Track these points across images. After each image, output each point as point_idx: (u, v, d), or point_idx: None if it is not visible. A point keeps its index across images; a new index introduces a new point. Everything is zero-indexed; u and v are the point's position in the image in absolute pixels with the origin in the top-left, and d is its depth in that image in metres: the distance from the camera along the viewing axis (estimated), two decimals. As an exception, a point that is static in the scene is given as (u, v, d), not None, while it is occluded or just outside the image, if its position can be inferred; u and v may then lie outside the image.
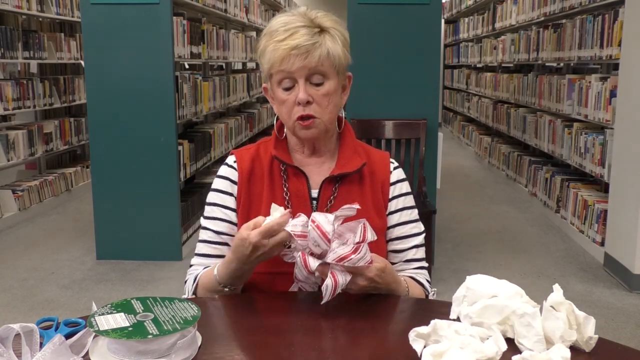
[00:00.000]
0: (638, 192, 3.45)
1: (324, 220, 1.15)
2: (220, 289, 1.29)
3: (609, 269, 3.77)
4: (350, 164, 1.38)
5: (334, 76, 1.32)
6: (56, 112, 6.08)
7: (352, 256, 1.14)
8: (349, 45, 1.35)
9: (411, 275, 1.41)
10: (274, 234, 1.17)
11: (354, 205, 1.18)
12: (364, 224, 1.18)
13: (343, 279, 1.15)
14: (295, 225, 1.16)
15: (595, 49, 4.20)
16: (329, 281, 1.15)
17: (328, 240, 1.14)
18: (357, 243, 1.15)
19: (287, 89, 1.31)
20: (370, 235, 1.17)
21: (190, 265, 1.43)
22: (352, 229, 1.18)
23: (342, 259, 1.14)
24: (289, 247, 1.19)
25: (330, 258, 1.14)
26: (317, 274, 1.16)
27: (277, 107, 1.35)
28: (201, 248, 1.42)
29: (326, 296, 1.15)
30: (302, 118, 1.31)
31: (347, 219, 1.19)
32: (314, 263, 1.14)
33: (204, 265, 1.39)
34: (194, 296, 1.36)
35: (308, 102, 1.29)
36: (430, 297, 1.42)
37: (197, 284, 1.36)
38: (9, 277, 3.71)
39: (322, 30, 1.30)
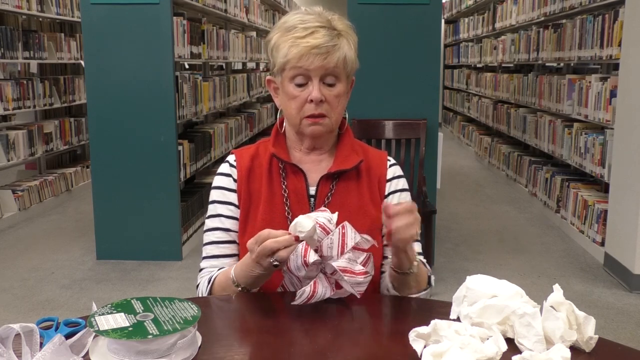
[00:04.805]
0: (638, 192, 3.45)
1: (351, 234, 1.15)
2: (236, 290, 1.28)
3: (609, 269, 3.77)
4: (347, 161, 1.39)
5: (345, 79, 1.34)
6: (56, 112, 6.08)
7: (358, 278, 1.15)
8: (357, 51, 1.36)
9: None
10: (263, 241, 1.15)
11: (370, 240, 1.19)
12: (370, 255, 1.20)
13: (322, 292, 1.16)
14: (322, 217, 1.17)
15: (596, 49, 4.20)
16: (307, 288, 1.15)
17: (342, 252, 1.14)
18: (364, 272, 1.16)
19: (300, 86, 1.32)
20: (371, 269, 1.19)
21: (200, 270, 1.41)
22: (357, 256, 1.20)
23: (347, 271, 1.14)
24: (276, 265, 1.17)
25: (336, 263, 1.14)
26: (304, 272, 1.15)
27: (285, 102, 1.35)
28: (210, 250, 1.40)
29: (298, 300, 1.16)
30: (313, 116, 1.32)
31: (357, 248, 1.19)
32: (313, 257, 1.13)
33: (217, 267, 1.38)
34: (209, 295, 1.34)
35: (321, 101, 1.31)
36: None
37: (212, 284, 1.34)
38: (9, 277, 3.71)
39: (339, 33, 1.31)
